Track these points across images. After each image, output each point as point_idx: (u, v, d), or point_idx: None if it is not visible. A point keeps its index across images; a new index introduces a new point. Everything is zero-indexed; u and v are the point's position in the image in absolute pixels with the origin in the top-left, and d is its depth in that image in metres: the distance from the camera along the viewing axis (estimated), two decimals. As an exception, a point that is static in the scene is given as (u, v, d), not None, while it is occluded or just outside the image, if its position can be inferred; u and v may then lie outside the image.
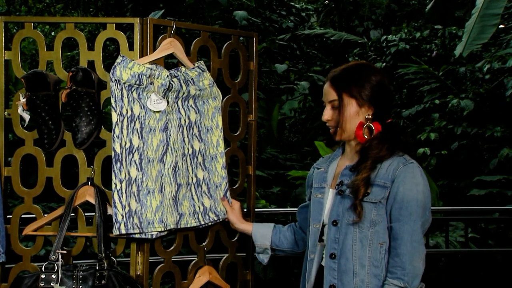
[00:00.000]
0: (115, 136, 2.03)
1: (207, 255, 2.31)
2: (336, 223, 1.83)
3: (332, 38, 9.27)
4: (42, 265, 2.03)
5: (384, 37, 9.07)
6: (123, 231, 1.99)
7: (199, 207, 2.19)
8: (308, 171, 2.10)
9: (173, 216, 2.08)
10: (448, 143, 6.55)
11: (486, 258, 4.95)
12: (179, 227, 2.12)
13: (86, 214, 2.20)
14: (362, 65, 1.91)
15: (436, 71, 7.46)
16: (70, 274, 2.01)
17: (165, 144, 2.10)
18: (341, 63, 2.02)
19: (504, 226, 5.31)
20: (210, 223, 2.22)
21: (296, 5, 10.46)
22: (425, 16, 9.00)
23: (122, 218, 1.99)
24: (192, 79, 2.19)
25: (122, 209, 2.00)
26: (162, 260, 2.24)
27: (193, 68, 2.22)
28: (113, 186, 2.01)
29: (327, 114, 1.89)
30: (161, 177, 2.08)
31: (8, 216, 2.19)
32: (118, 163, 2.02)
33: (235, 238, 2.41)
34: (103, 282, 1.98)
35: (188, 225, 2.15)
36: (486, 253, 4.95)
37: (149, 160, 2.07)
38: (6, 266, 2.17)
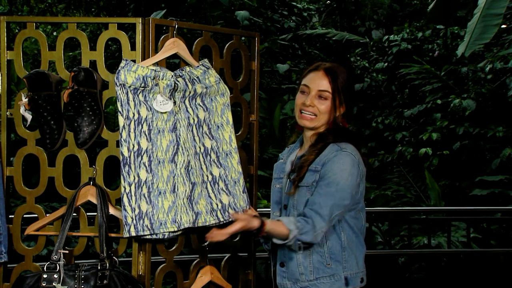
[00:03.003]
0: (122, 139, 2.03)
1: (208, 255, 2.31)
2: (286, 206, 2.00)
3: (334, 38, 9.26)
4: (44, 264, 2.03)
5: (386, 37, 9.06)
6: (133, 233, 2.00)
7: (216, 204, 2.17)
8: None
9: (188, 215, 2.07)
10: (450, 143, 6.55)
11: (488, 258, 4.94)
12: (196, 225, 2.10)
13: (88, 214, 2.20)
14: (343, 66, 2.02)
15: (438, 71, 7.45)
16: (72, 274, 2.01)
17: (175, 144, 2.10)
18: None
19: (506, 226, 5.30)
20: (230, 220, 2.16)
21: (298, 5, 10.43)
22: (427, 16, 8.97)
23: (132, 220, 1.99)
24: (197, 77, 2.19)
25: (132, 212, 2.00)
26: (164, 260, 2.24)
27: (198, 66, 2.22)
28: (122, 189, 2.01)
29: (313, 100, 1.96)
30: (174, 177, 2.07)
31: (10, 216, 2.20)
32: (127, 166, 2.02)
33: (237, 238, 2.41)
34: (105, 282, 1.98)
35: (207, 223, 2.12)
36: (488, 253, 4.94)
37: (159, 161, 2.07)
38: (8, 266, 2.18)
